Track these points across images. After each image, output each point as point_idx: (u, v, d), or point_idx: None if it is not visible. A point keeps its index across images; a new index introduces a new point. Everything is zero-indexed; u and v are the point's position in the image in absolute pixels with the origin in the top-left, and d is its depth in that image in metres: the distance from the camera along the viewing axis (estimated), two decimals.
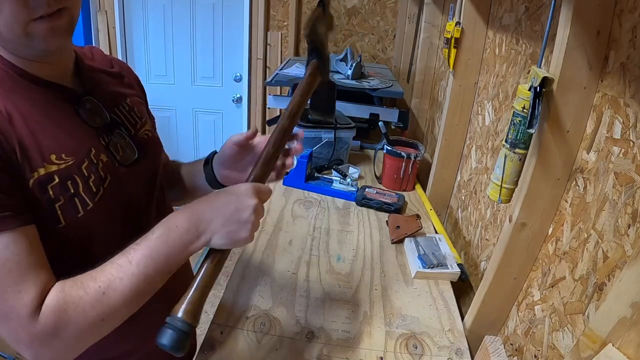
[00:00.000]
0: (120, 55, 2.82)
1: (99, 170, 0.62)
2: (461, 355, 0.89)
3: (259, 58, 2.72)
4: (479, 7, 1.27)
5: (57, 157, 0.57)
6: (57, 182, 0.56)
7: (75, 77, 0.67)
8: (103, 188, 0.62)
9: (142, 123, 0.76)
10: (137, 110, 0.76)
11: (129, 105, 0.75)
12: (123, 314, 0.57)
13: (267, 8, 2.62)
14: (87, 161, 0.61)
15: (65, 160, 0.58)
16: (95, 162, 0.62)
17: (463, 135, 1.43)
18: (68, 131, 0.60)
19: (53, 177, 0.56)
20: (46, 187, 0.55)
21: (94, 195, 0.61)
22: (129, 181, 0.69)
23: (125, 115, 0.73)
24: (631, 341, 0.50)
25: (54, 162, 0.57)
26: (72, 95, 0.64)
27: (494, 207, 1.13)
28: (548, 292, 0.80)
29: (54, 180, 0.56)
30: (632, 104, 0.62)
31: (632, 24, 0.63)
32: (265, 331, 0.90)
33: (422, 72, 2.11)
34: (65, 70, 0.65)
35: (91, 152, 0.62)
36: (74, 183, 0.58)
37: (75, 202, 0.58)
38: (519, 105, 0.75)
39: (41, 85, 0.59)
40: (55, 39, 0.56)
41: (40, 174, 0.55)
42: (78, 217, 0.59)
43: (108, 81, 0.74)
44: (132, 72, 0.84)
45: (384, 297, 1.04)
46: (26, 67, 0.57)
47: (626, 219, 0.61)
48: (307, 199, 1.49)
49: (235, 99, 2.91)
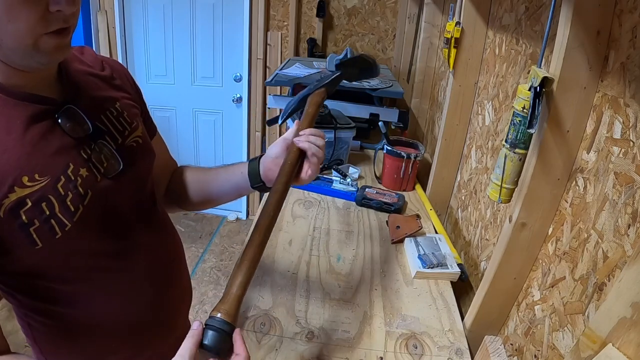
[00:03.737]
0: (120, 55, 2.82)
1: (77, 187, 0.59)
2: (461, 355, 0.89)
3: (259, 58, 2.72)
4: (479, 7, 1.26)
5: (30, 179, 0.54)
6: (30, 206, 0.54)
7: (58, 84, 0.63)
8: (83, 206, 0.60)
9: (131, 129, 0.71)
10: (126, 115, 0.71)
11: (118, 110, 0.70)
12: None
13: (267, 8, 2.62)
14: (63, 179, 0.58)
15: (38, 180, 0.55)
16: (74, 178, 0.59)
17: (463, 135, 1.43)
18: (43, 148, 0.57)
19: (25, 201, 0.54)
20: (18, 212, 0.53)
21: (72, 215, 0.58)
22: (113, 194, 0.65)
23: (113, 122, 0.68)
24: (631, 341, 0.50)
25: (26, 184, 0.54)
26: (52, 105, 0.60)
27: (494, 207, 1.13)
28: (548, 292, 0.80)
29: (27, 204, 0.54)
30: (632, 104, 0.62)
31: (632, 24, 0.63)
32: (265, 331, 0.90)
33: (422, 72, 2.11)
34: (47, 78, 0.61)
35: (69, 168, 0.59)
36: (49, 204, 0.56)
37: (52, 223, 0.56)
38: (519, 105, 0.75)
39: (18, 99, 0.56)
40: (59, 54, 0.55)
41: (11, 199, 0.53)
42: (56, 238, 0.57)
43: (95, 85, 0.69)
44: (126, 74, 0.79)
45: (384, 297, 1.04)
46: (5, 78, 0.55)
47: (626, 219, 0.61)
48: (307, 199, 1.49)
49: (235, 99, 2.91)
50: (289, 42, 2.66)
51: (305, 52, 2.67)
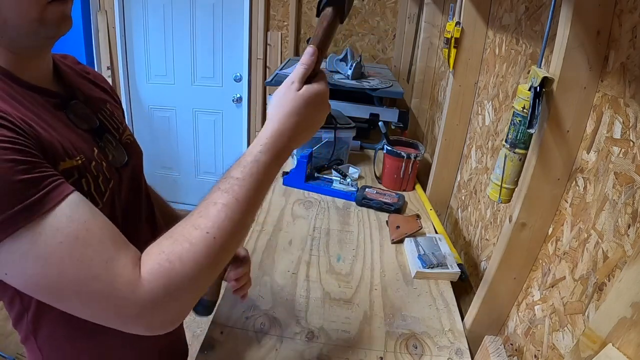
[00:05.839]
0: (120, 55, 2.83)
1: (104, 171, 0.61)
2: (461, 355, 0.89)
3: (259, 58, 2.72)
4: (479, 7, 1.27)
5: (71, 155, 0.55)
6: (76, 178, 0.55)
7: (56, 82, 0.64)
8: (109, 189, 0.61)
9: (123, 128, 0.74)
10: (116, 116, 0.74)
11: (109, 110, 0.73)
12: (235, 249, 0.55)
13: (267, 8, 2.62)
14: (94, 161, 0.60)
15: (80, 157, 0.56)
16: (100, 162, 0.61)
17: (463, 135, 1.43)
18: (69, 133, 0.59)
19: (73, 172, 0.54)
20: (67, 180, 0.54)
21: (102, 195, 0.59)
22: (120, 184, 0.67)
23: (108, 120, 0.71)
24: (631, 341, 0.50)
25: (74, 156, 0.55)
26: (60, 99, 0.61)
27: (494, 207, 1.13)
28: (548, 292, 0.80)
29: (74, 175, 0.54)
30: (632, 104, 0.62)
31: (632, 24, 0.63)
32: (265, 331, 0.90)
33: (422, 72, 2.11)
34: (48, 74, 0.63)
35: (94, 152, 0.61)
36: (87, 181, 0.57)
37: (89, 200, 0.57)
38: (519, 105, 0.75)
39: (32, 90, 0.57)
40: (65, 24, 0.55)
41: (64, 166, 0.53)
42: None
43: (86, 85, 0.71)
44: (107, 81, 0.81)
45: (384, 297, 1.04)
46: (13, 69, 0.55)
47: (626, 219, 0.61)
48: (307, 199, 1.49)
49: (235, 99, 2.91)
50: (289, 42, 2.66)
51: None
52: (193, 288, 0.49)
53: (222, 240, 0.50)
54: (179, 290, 0.48)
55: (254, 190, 0.54)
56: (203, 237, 0.49)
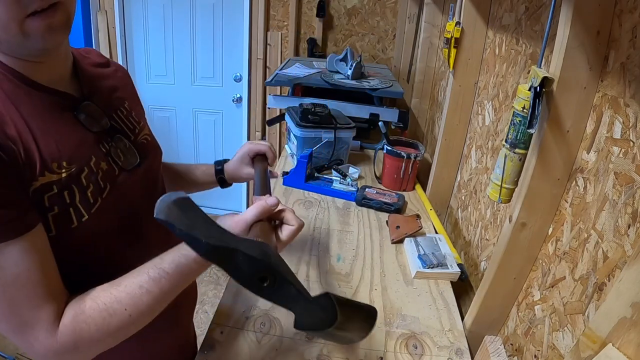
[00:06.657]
0: (120, 55, 2.82)
1: (98, 180, 0.61)
2: (461, 355, 0.89)
3: (259, 58, 2.72)
4: (479, 7, 1.26)
5: (59, 166, 0.56)
6: (55, 192, 0.55)
7: (74, 81, 0.65)
8: (101, 199, 0.61)
9: (140, 127, 0.74)
10: (134, 115, 0.74)
11: (127, 109, 0.73)
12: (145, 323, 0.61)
13: (267, 8, 2.62)
14: (87, 170, 0.59)
15: (66, 168, 0.56)
16: (95, 170, 0.61)
17: (463, 135, 1.43)
18: (69, 138, 0.59)
19: (52, 186, 0.55)
20: (43, 196, 0.54)
21: (90, 206, 0.59)
22: (130, 188, 0.67)
23: (124, 121, 0.71)
24: (631, 341, 0.50)
25: (55, 171, 0.55)
26: (71, 101, 0.62)
27: (494, 207, 1.13)
28: (548, 292, 0.80)
29: (52, 190, 0.55)
30: (632, 104, 0.62)
31: (632, 24, 0.63)
32: (265, 331, 0.90)
33: (422, 72, 2.11)
34: (63, 74, 0.63)
35: (91, 160, 0.61)
36: (71, 193, 0.57)
37: (70, 212, 0.57)
38: (519, 105, 0.75)
39: (40, 91, 0.57)
40: (52, 36, 0.54)
41: (40, 182, 0.53)
42: (71, 227, 0.58)
43: (106, 85, 0.72)
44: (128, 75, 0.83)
45: (384, 297, 1.04)
46: (24, 71, 0.56)
47: (626, 219, 0.61)
48: (307, 199, 1.49)
49: (235, 99, 2.91)
50: (289, 42, 2.66)
51: (305, 52, 2.67)
52: (99, 348, 0.58)
53: (135, 318, 0.57)
54: (86, 347, 0.55)
55: (178, 287, 0.60)
56: (121, 313, 0.56)
